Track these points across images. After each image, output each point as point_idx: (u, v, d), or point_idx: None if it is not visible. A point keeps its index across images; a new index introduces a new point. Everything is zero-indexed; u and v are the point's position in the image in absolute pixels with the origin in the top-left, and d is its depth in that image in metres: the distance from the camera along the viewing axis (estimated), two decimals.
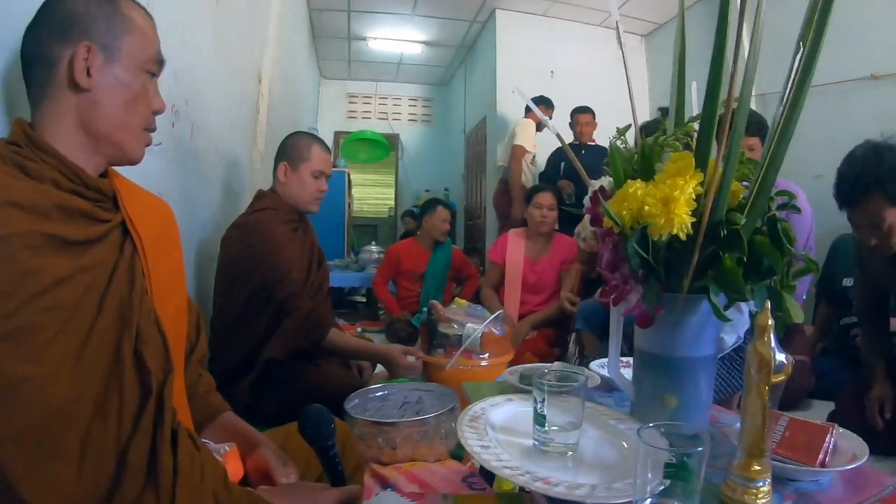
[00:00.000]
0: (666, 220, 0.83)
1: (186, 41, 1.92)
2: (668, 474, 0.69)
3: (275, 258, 1.88)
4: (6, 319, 0.67)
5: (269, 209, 2.00)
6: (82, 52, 0.85)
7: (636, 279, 0.96)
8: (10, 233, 0.70)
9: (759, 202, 0.86)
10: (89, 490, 0.69)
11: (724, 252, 0.87)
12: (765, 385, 0.72)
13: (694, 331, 0.95)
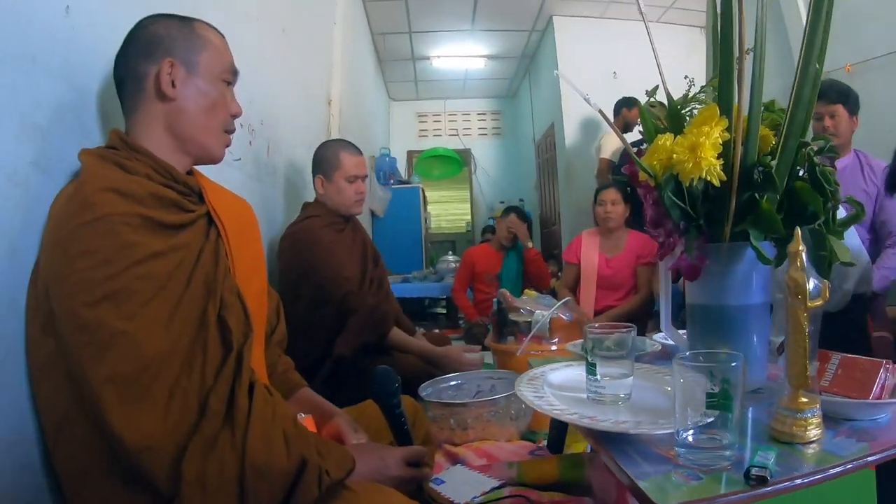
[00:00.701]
0: (693, 164, 0.86)
1: (258, 66, 2.09)
2: (710, 405, 0.72)
3: (324, 260, 1.99)
4: (108, 282, 0.79)
5: (311, 217, 2.13)
6: (166, 68, 0.99)
7: (679, 232, 0.99)
8: (111, 212, 0.83)
9: (789, 144, 0.88)
10: (172, 429, 0.79)
11: (760, 196, 0.89)
12: (802, 311, 0.74)
13: (740, 279, 0.96)
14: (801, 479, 0.67)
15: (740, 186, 0.89)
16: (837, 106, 2.22)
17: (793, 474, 0.67)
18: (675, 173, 0.90)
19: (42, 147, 0.94)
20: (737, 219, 0.91)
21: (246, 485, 0.77)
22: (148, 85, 1.00)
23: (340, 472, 0.86)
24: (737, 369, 0.70)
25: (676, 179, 0.91)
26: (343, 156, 2.16)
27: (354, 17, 4.26)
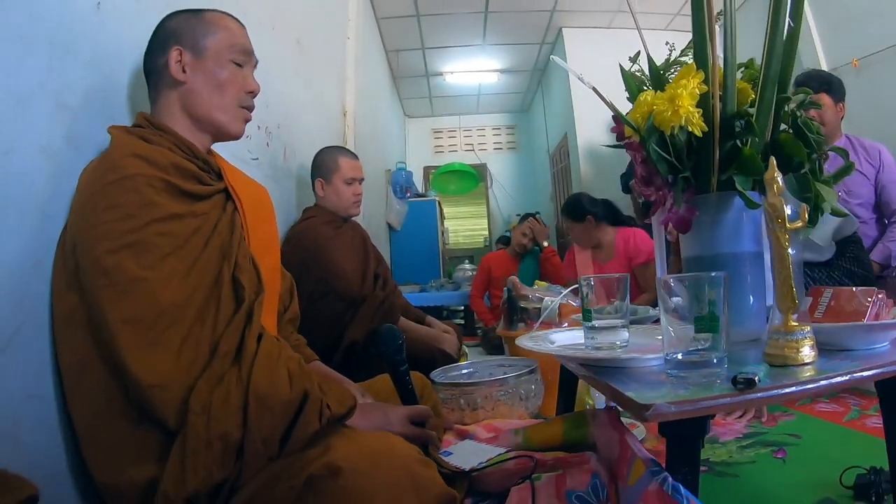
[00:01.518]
0: (672, 112, 0.92)
1: (273, 73, 2.19)
2: (698, 328, 0.76)
3: (324, 254, 2.08)
4: (129, 234, 0.86)
5: (310, 217, 2.23)
6: (175, 55, 1.09)
7: (668, 186, 1.04)
8: (136, 173, 0.91)
9: (766, 94, 0.94)
10: (183, 371, 0.85)
11: (742, 143, 0.94)
12: (783, 234, 0.78)
13: (731, 227, 1.00)
14: (793, 387, 0.69)
15: (722, 136, 0.95)
16: (821, 95, 2.25)
17: (783, 382, 0.70)
18: (657, 126, 0.96)
19: (73, 126, 1.03)
20: (722, 168, 0.97)
21: (249, 413, 0.82)
22: (164, 74, 1.10)
23: (341, 409, 0.91)
24: (718, 284, 0.74)
25: (660, 133, 0.97)
26: (341, 159, 2.29)
27: (367, 34, 4.39)
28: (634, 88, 1.08)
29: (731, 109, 0.95)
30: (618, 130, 1.11)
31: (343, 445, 0.83)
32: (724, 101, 0.95)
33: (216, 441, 0.79)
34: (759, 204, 0.95)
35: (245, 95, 1.16)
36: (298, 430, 0.85)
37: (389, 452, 0.84)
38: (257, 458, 0.82)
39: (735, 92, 0.95)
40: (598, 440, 1.11)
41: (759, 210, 0.93)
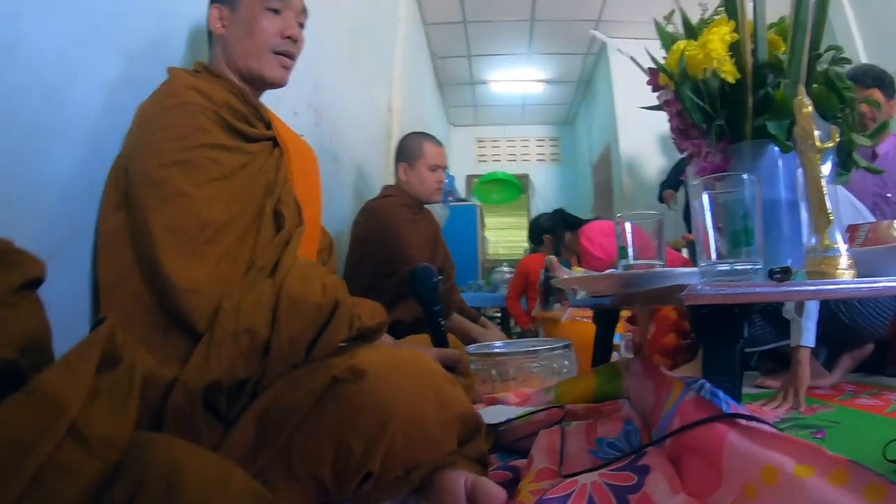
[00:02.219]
0: (704, 55, 0.93)
1: (324, 54, 2.26)
2: (736, 242, 0.77)
3: (396, 234, 2.09)
4: (180, 152, 0.91)
5: (390, 196, 2.27)
6: (214, 13, 1.15)
7: (703, 135, 1.05)
8: (192, 101, 0.96)
9: (797, 41, 0.94)
10: (218, 281, 0.88)
11: (773, 90, 0.95)
12: (814, 154, 0.78)
13: (766, 174, 1.00)
14: (833, 285, 0.69)
15: (755, 85, 0.96)
16: (873, 90, 2.20)
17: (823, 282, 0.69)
18: (690, 73, 0.97)
19: (132, 69, 1.10)
20: (756, 116, 0.97)
21: (279, 313, 0.82)
22: (210, 32, 1.16)
23: (371, 322, 0.91)
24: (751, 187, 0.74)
25: (694, 81, 0.98)
26: (427, 146, 2.31)
27: (415, 37, 4.48)
28: (669, 41, 1.09)
29: (763, 57, 0.96)
30: (653, 82, 1.12)
31: (369, 353, 0.84)
32: (756, 49, 0.95)
33: (243, 335, 0.80)
34: (792, 147, 0.95)
35: (280, 40, 1.15)
36: (326, 337, 0.85)
37: (416, 363, 0.84)
38: (282, 359, 0.82)
39: (766, 40, 0.96)
40: (632, 391, 1.10)
41: (794, 159, 0.93)
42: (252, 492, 0.45)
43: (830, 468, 0.52)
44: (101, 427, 0.40)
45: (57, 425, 0.37)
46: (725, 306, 0.73)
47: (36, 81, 0.88)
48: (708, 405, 0.70)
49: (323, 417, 0.78)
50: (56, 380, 0.38)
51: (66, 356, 0.41)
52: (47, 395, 0.37)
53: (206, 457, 0.48)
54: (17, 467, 0.33)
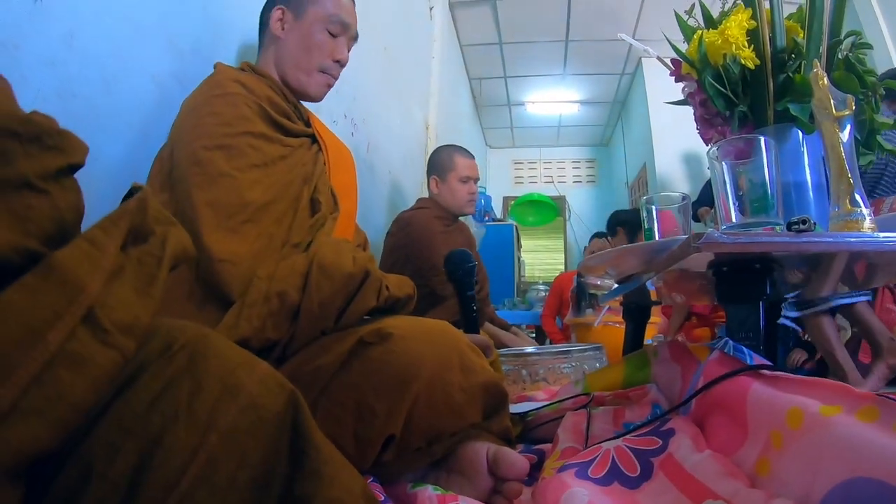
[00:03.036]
0: (722, 41, 0.95)
1: (362, 69, 2.34)
2: (754, 210, 0.78)
3: (427, 246, 2.11)
4: (225, 137, 0.96)
5: (423, 208, 2.30)
6: (278, 13, 1.21)
7: (727, 122, 1.06)
8: (236, 92, 1.02)
9: (814, 27, 0.95)
10: (255, 255, 0.92)
11: (793, 74, 0.96)
12: (832, 122, 0.79)
13: (791, 157, 1.01)
14: (854, 238, 0.69)
15: (775, 69, 0.97)
16: None
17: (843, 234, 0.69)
18: (710, 60, 0.99)
19: (181, 65, 1.17)
20: (777, 100, 0.98)
21: (310, 278, 0.86)
22: (267, 28, 1.22)
23: (400, 293, 0.95)
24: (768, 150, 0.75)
25: (716, 69, 1.00)
26: (457, 158, 2.34)
27: (451, 59, 4.56)
28: (690, 33, 1.11)
29: (781, 43, 0.97)
30: (676, 73, 1.14)
31: (396, 319, 0.86)
32: (774, 35, 0.97)
33: (274, 297, 0.84)
34: (814, 128, 0.95)
35: (331, 63, 1.23)
36: (355, 304, 0.88)
37: (441, 330, 0.86)
38: (311, 323, 0.85)
39: (783, 26, 0.99)
40: (660, 377, 1.10)
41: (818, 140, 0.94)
42: (275, 377, 0.44)
43: (858, 405, 0.51)
44: (121, 312, 0.37)
45: (71, 310, 0.33)
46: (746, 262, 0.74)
47: (91, 70, 0.95)
48: (732, 361, 0.70)
49: (347, 379, 0.79)
50: (74, 258, 0.35)
51: (90, 231, 0.38)
52: (64, 276, 0.34)
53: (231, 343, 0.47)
54: (24, 357, 0.31)
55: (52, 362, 0.31)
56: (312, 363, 0.82)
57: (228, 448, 0.39)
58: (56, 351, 0.32)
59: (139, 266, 0.39)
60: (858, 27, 3.64)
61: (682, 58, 1.07)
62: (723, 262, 0.77)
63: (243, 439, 0.40)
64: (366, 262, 0.92)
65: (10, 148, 0.34)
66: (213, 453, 0.38)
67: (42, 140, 0.37)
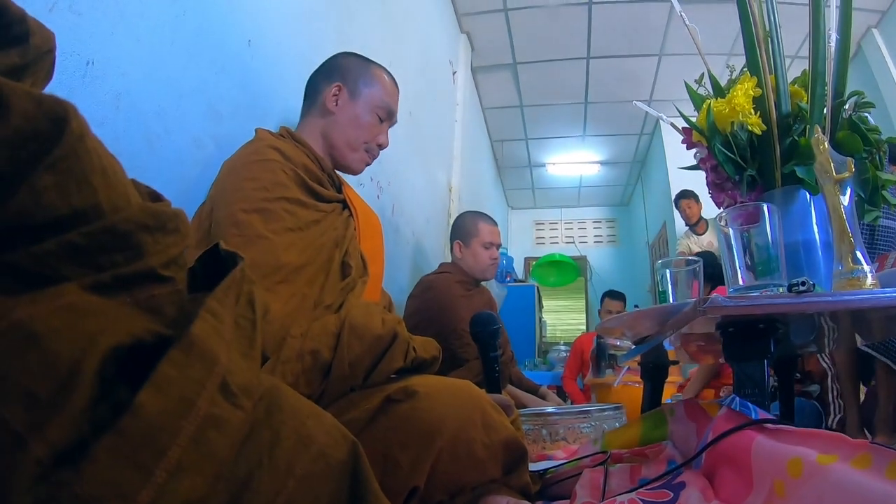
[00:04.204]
0: (729, 110, 1.00)
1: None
2: (760, 272, 0.82)
3: (448, 310, 2.15)
4: (263, 202, 1.03)
5: (445, 272, 2.36)
6: (334, 89, 1.29)
7: (738, 187, 1.11)
8: (273, 159, 1.09)
9: (817, 90, 1.01)
10: (288, 314, 0.96)
11: (798, 138, 1.01)
12: (832, 185, 0.83)
13: (799, 217, 1.05)
14: (852, 295, 0.72)
15: (781, 134, 1.02)
16: None
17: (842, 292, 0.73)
18: (719, 127, 1.04)
19: (220, 128, 1.26)
20: (784, 163, 1.03)
21: (341, 338, 0.90)
22: (319, 99, 1.30)
23: (426, 354, 0.99)
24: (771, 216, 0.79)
25: (724, 135, 1.05)
26: (481, 224, 2.41)
27: (474, 121, 4.71)
28: (699, 101, 1.17)
29: (786, 108, 1.03)
30: (687, 140, 1.19)
31: (421, 378, 0.90)
32: (779, 101, 1.02)
33: (307, 355, 0.88)
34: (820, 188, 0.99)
35: (374, 145, 1.33)
36: (383, 364, 0.92)
37: (465, 388, 0.90)
38: (342, 380, 0.89)
39: (788, 92, 1.04)
40: (676, 434, 1.11)
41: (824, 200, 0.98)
42: (339, 428, 0.50)
43: (853, 454, 0.54)
44: (240, 376, 0.40)
45: (211, 380, 0.37)
46: (751, 323, 0.77)
47: (136, 130, 1.03)
48: (738, 416, 0.72)
49: (375, 433, 0.82)
50: (206, 333, 0.38)
51: (210, 303, 0.41)
52: (202, 351, 0.38)
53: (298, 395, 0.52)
54: (184, 421, 0.34)
55: (203, 425, 0.35)
56: (342, 418, 0.85)
57: (303, 492, 0.44)
58: (205, 415, 0.36)
59: (238, 329, 0.43)
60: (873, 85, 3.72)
61: (691, 126, 1.13)
62: (729, 324, 0.81)
63: (315, 484, 0.45)
64: (394, 325, 0.97)
65: (142, 241, 0.38)
66: (291, 496, 0.43)
67: (166, 227, 0.41)
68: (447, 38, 3.81)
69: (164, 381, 0.34)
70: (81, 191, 0.34)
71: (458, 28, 4.08)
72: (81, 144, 0.34)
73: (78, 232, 0.34)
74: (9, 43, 0.37)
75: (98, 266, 0.35)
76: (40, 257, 0.32)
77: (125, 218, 0.36)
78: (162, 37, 1.09)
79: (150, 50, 1.06)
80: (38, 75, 0.40)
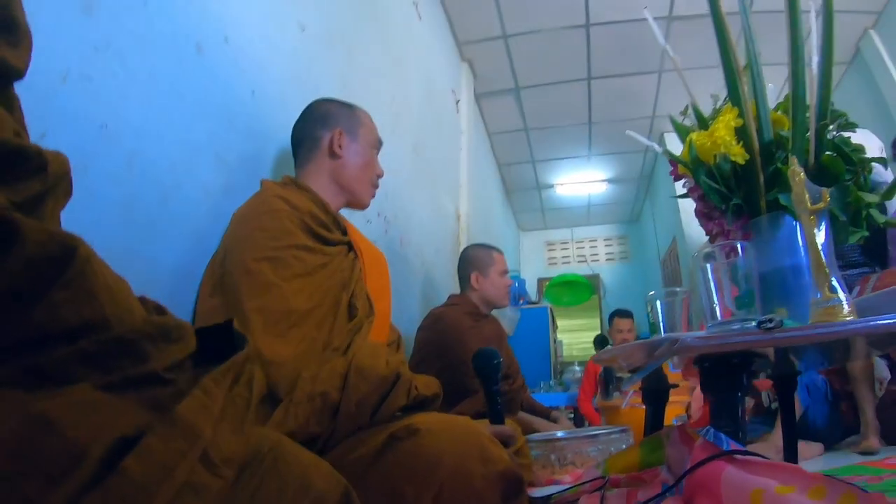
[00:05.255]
0: (711, 143, 1.05)
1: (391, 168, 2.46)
2: (741, 304, 0.86)
3: (457, 344, 2.18)
4: (272, 250, 1.09)
5: (455, 304, 2.42)
6: (337, 134, 1.38)
7: (724, 216, 1.15)
8: (280, 208, 1.16)
9: (798, 117, 1.05)
10: (298, 358, 1.02)
11: (782, 165, 1.05)
12: (808, 216, 0.87)
13: (785, 242, 1.08)
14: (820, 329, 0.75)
15: (764, 162, 1.06)
16: None
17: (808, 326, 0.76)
18: (702, 159, 1.09)
19: (229, 178, 1.32)
20: (768, 190, 1.07)
21: (349, 380, 0.97)
22: (322, 145, 1.39)
23: (427, 391, 1.05)
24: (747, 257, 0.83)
25: (708, 166, 1.10)
26: (495, 254, 2.53)
27: (480, 147, 4.78)
28: (684, 133, 1.22)
29: (768, 136, 1.07)
30: (674, 173, 1.24)
31: (423, 416, 0.96)
32: (760, 130, 1.07)
33: (317, 397, 0.95)
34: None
35: (375, 177, 1.47)
36: (388, 403, 0.99)
37: (464, 425, 0.95)
38: (350, 419, 0.95)
39: (769, 120, 1.08)
40: (671, 458, 1.14)
41: None
42: (334, 474, 0.58)
43: (809, 485, 0.58)
44: (224, 449, 0.45)
45: (192, 451, 0.42)
46: (724, 358, 0.80)
47: (150, 186, 1.09)
48: (712, 447, 0.76)
49: (381, 468, 0.89)
50: (193, 410, 0.44)
51: (206, 382, 0.46)
52: (187, 426, 0.42)
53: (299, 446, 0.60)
54: (161, 487, 0.39)
55: (181, 491, 0.40)
56: (351, 455, 0.92)
57: None
58: (183, 482, 0.40)
59: (233, 407, 0.49)
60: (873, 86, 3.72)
61: (674, 159, 1.18)
62: (703, 359, 0.85)
63: None
64: (397, 365, 1.03)
65: (146, 349, 0.43)
66: None
67: (169, 336, 0.46)
68: (449, 68, 3.89)
69: (147, 450, 0.39)
70: (91, 305, 0.40)
71: (460, 57, 4.17)
72: (89, 266, 0.40)
73: (89, 340, 0.40)
74: (30, 175, 0.43)
75: (108, 369, 0.41)
76: (57, 361, 0.38)
77: (131, 329, 0.43)
78: (171, 96, 1.16)
79: (161, 109, 1.13)
80: (58, 195, 0.47)
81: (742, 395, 0.83)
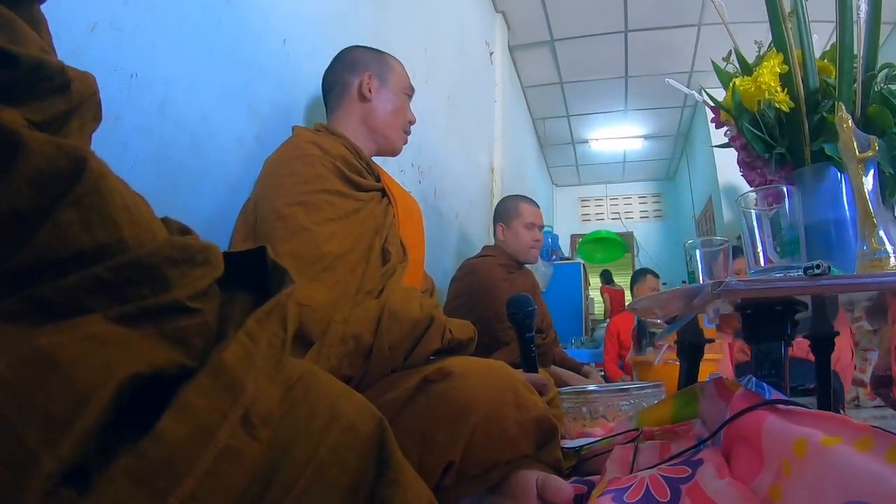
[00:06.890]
0: (755, 88, 1.00)
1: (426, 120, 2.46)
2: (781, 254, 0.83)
3: (490, 293, 2.18)
4: (304, 194, 1.08)
5: (488, 255, 2.39)
6: (366, 78, 1.35)
7: (767, 165, 1.11)
8: (312, 153, 1.14)
9: (845, 65, 0.99)
10: (332, 301, 1.01)
11: (827, 114, 1.00)
12: (856, 164, 0.83)
13: (829, 195, 1.05)
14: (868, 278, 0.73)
15: (809, 111, 1.01)
16: None
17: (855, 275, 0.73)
18: (746, 106, 1.05)
19: (261, 127, 1.32)
20: (813, 140, 1.02)
21: (382, 323, 0.96)
22: (352, 90, 1.36)
23: (461, 335, 1.03)
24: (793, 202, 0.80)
25: (752, 113, 1.05)
26: (522, 206, 2.45)
27: (514, 101, 4.69)
28: (727, 79, 1.17)
29: (814, 84, 1.02)
30: (716, 120, 1.19)
31: (457, 359, 0.94)
32: (806, 77, 1.02)
33: (350, 339, 0.94)
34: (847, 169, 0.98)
35: (407, 123, 1.43)
36: (421, 346, 0.98)
37: (499, 368, 0.94)
38: (382, 363, 0.95)
39: (815, 68, 1.03)
40: (706, 412, 1.13)
41: None
42: (367, 405, 0.55)
43: (856, 436, 0.56)
44: (263, 405, 0.41)
45: (234, 410, 0.38)
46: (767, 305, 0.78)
47: (182, 135, 1.10)
48: (754, 396, 0.75)
49: (413, 411, 0.88)
50: (237, 358, 0.39)
51: (249, 324, 0.41)
52: (229, 379, 0.38)
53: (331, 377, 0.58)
54: (202, 452, 0.35)
55: (219, 458, 0.36)
56: (383, 397, 0.91)
57: (334, 459, 0.49)
58: (223, 447, 0.36)
59: (270, 350, 0.44)
60: None
61: (718, 105, 1.13)
62: (747, 306, 0.82)
63: (344, 453, 0.50)
64: (431, 309, 1.02)
65: (169, 274, 0.38)
66: (322, 462, 0.48)
67: (194, 259, 0.41)
68: (482, 19, 3.80)
69: (187, 407, 0.35)
70: (106, 226, 0.36)
71: (494, 7, 4.06)
72: (103, 182, 0.37)
73: (103, 265, 0.36)
74: (53, 92, 0.39)
75: (124, 298, 0.36)
76: (66, 290, 0.35)
77: (151, 251, 0.38)
78: (200, 45, 1.15)
79: (191, 58, 1.13)
80: (84, 117, 0.43)
81: (786, 345, 0.81)
